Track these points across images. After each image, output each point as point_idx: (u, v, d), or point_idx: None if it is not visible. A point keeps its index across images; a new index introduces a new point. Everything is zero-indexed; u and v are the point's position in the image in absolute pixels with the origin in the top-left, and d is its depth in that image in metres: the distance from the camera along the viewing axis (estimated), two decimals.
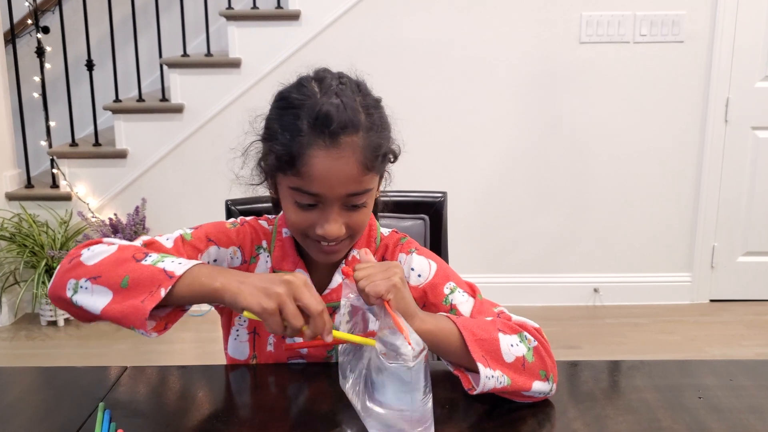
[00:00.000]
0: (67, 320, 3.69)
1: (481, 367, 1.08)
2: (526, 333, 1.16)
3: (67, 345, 3.47)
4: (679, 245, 3.85)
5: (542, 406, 1.14)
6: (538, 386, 1.12)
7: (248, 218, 1.35)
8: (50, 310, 3.62)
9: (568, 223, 3.82)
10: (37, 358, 3.33)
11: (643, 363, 1.29)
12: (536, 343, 1.15)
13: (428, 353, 1.00)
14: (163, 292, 1.03)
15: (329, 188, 1.13)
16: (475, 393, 1.10)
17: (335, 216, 1.16)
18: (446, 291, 1.24)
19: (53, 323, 3.67)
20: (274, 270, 1.28)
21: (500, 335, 1.13)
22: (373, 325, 1.07)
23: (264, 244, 1.31)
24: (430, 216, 1.66)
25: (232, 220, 1.34)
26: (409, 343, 0.96)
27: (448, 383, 1.18)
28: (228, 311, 1.34)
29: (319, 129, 1.11)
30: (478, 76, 3.65)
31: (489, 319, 1.18)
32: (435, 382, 1.15)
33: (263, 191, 1.51)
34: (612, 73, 3.65)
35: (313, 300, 1.01)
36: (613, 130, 3.71)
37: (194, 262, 1.08)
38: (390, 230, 1.36)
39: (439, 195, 1.68)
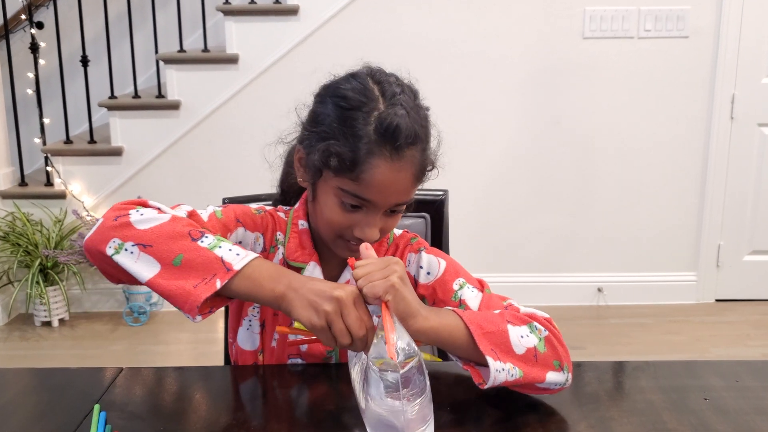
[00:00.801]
0: (61, 321, 3.69)
1: (490, 360, 1.08)
2: (536, 323, 1.15)
3: (62, 346, 3.46)
4: (684, 244, 3.85)
5: (545, 407, 1.14)
6: (553, 377, 1.12)
7: (269, 207, 1.35)
8: (44, 310, 3.62)
9: (571, 221, 3.82)
10: (31, 359, 3.32)
11: (647, 364, 1.29)
12: (547, 332, 1.15)
13: (422, 360, 0.99)
14: (218, 284, 1.03)
15: (384, 197, 1.16)
16: (486, 387, 1.10)
17: (378, 221, 1.19)
18: (455, 287, 1.25)
19: (47, 324, 3.67)
20: (286, 261, 1.29)
21: (509, 327, 1.12)
22: (377, 319, 1.08)
23: (279, 235, 1.32)
24: (431, 214, 1.66)
25: (255, 206, 1.34)
26: (392, 357, 0.96)
27: (451, 384, 1.18)
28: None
29: (386, 140, 1.13)
30: (479, 72, 3.65)
31: (497, 311, 1.18)
32: (439, 382, 1.15)
33: (264, 189, 1.52)
34: (616, 69, 3.64)
35: (356, 322, 1.03)
36: (616, 127, 3.71)
37: (251, 255, 1.08)
38: (402, 230, 1.38)
39: (440, 193, 1.68)
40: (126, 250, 1.06)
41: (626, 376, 1.26)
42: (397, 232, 1.37)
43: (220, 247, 1.07)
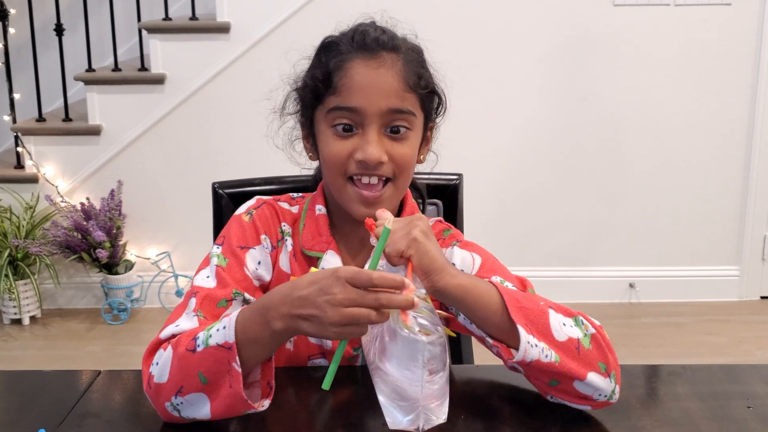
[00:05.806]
0: (32, 318, 3.70)
1: (522, 331, 1.07)
2: (582, 318, 1.14)
3: (33, 346, 3.48)
4: (726, 235, 3.84)
5: (571, 415, 1.13)
6: (596, 379, 1.09)
7: (266, 198, 1.37)
8: (14, 306, 3.63)
9: (599, 209, 3.82)
10: (0, 361, 3.34)
11: (684, 368, 1.29)
12: (594, 331, 1.12)
13: (444, 337, 1.02)
14: (237, 367, 1.05)
15: (368, 100, 1.20)
16: (513, 361, 1.08)
17: (375, 136, 1.21)
18: None
19: (17, 321, 3.68)
20: (302, 251, 1.30)
21: (551, 311, 1.11)
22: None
23: (284, 226, 1.33)
24: (444, 201, 1.66)
25: (246, 207, 1.34)
26: (410, 291, 1.01)
27: (473, 388, 1.18)
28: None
29: (357, 44, 1.23)
30: (496, 44, 3.64)
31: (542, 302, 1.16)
32: (457, 385, 1.15)
33: (258, 173, 1.52)
34: (650, 40, 3.63)
35: (344, 300, 0.99)
36: (649, 104, 3.70)
37: (232, 317, 1.08)
38: (435, 219, 1.39)
39: (454, 177, 1.68)
40: (178, 404, 1.10)
41: (660, 381, 1.27)
42: (430, 220, 1.37)
43: (210, 336, 1.08)
